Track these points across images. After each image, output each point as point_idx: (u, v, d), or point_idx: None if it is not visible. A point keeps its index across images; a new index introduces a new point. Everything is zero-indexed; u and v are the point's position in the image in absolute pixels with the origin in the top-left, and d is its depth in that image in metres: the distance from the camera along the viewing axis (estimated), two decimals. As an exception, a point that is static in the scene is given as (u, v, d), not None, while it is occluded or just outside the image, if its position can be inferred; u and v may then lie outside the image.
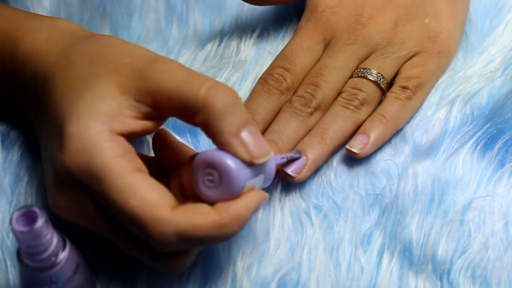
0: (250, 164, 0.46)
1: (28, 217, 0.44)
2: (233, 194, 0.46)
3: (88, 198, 0.46)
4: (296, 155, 0.54)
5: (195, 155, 0.48)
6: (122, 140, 0.46)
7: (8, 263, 0.52)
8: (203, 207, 0.46)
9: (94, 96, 0.46)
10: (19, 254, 0.46)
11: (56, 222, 0.48)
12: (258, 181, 0.48)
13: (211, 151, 0.47)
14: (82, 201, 0.47)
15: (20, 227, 0.44)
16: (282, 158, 0.52)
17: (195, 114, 0.46)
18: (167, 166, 0.50)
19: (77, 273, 0.48)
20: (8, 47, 0.52)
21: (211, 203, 0.46)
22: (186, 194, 0.48)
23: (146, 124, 0.48)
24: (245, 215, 0.46)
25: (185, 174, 0.48)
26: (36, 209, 0.44)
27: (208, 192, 0.47)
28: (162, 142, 0.50)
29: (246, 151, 0.46)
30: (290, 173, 0.53)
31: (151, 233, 0.45)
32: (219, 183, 0.46)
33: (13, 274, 0.52)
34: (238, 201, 0.46)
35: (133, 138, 0.48)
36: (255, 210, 0.47)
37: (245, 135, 0.46)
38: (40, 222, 0.44)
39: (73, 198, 0.47)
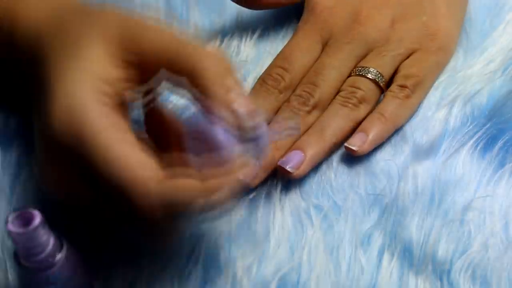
0: (239, 129, 0.46)
1: (24, 218, 0.44)
2: (221, 162, 0.45)
3: (74, 164, 0.46)
4: (293, 131, 0.53)
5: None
6: (110, 103, 0.46)
7: (8, 263, 0.52)
8: (189, 172, 0.45)
9: (83, 58, 0.46)
10: (16, 255, 0.46)
11: (53, 222, 0.48)
12: (249, 151, 0.47)
13: (199, 118, 0.46)
14: (67, 168, 0.46)
15: (16, 229, 0.44)
16: (277, 133, 0.52)
17: (182, 74, 0.46)
18: (159, 143, 0.50)
19: (75, 273, 0.48)
20: (7, 21, 0.52)
21: (199, 170, 0.45)
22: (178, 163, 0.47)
23: (133, 87, 0.47)
24: (233, 184, 0.45)
25: (175, 143, 0.48)
26: (31, 210, 0.44)
27: (196, 160, 0.46)
28: (156, 119, 0.50)
29: (233, 114, 0.45)
30: (288, 169, 0.53)
31: (137, 205, 0.44)
32: (208, 151, 0.45)
33: (12, 274, 0.52)
34: (226, 170, 0.45)
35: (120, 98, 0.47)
36: (244, 179, 0.46)
37: (233, 97, 0.46)
38: (36, 223, 0.44)
39: (60, 166, 0.46)
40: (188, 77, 0.45)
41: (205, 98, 0.45)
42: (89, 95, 0.45)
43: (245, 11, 0.64)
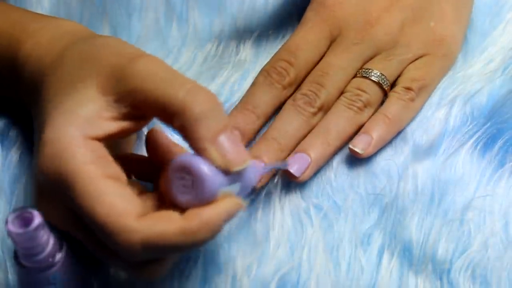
0: (225, 171, 0.45)
1: (24, 219, 0.44)
2: (205, 200, 0.45)
3: (63, 204, 0.46)
4: (282, 167, 0.53)
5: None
6: (97, 146, 0.45)
7: (8, 263, 0.52)
8: (170, 214, 0.45)
9: (74, 100, 0.46)
10: (15, 255, 0.46)
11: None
12: (234, 190, 0.46)
13: (187, 155, 0.46)
14: (58, 206, 0.46)
15: (15, 229, 0.44)
16: (265, 168, 0.52)
17: (173, 116, 0.45)
18: (159, 166, 0.50)
19: (75, 273, 0.48)
20: (11, 50, 0.52)
21: (185, 209, 0.45)
22: (164, 200, 0.47)
23: (126, 124, 0.47)
24: (216, 222, 0.45)
25: (163, 178, 0.47)
26: (31, 211, 0.44)
27: (181, 197, 0.46)
28: (154, 141, 0.49)
29: (221, 158, 0.45)
30: (294, 173, 0.53)
31: (117, 242, 0.44)
32: (192, 188, 0.45)
33: (13, 274, 0.52)
34: (209, 207, 0.45)
35: (112, 139, 0.47)
36: (229, 217, 0.45)
37: (221, 141, 0.45)
38: (35, 224, 0.44)
39: (50, 202, 0.47)
40: (175, 117, 0.45)
41: (192, 139, 0.45)
42: (73, 140, 0.45)
43: (245, 11, 0.64)
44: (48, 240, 0.46)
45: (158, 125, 0.51)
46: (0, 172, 0.56)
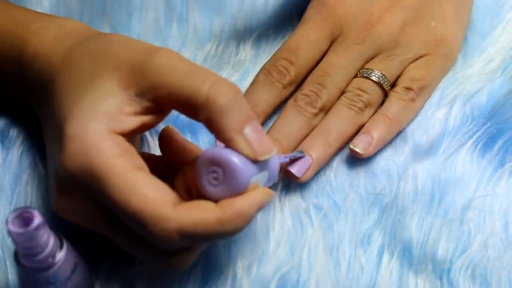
0: (253, 161, 0.46)
1: (24, 219, 0.44)
2: (238, 191, 0.46)
3: (89, 200, 0.46)
4: (299, 155, 0.53)
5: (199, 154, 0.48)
6: (121, 140, 0.46)
7: (8, 263, 0.52)
8: (206, 204, 0.45)
9: (94, 96, 0.46)
10: (16, 255, 0.46)
11: (54, 222, 0.48)
12: (263, 178, 0.47)
13: (215, 148, 0.46)
14: (84, 202, 0.47)
15: (15, 229, 0.44)
16: (285, 158, 0.52)
17: (198, 110, 0.45)
18: (174, 164, 0.50)
19: (75, 273, 0.48)
20: (16, 49, 0.52)
21: (216, 201, 0.46)
22: (192, 194, 0.48)
23: (147, 118, 0.47)
24: (249, 211, 0.45)
25: (190, 173, 0.48)
26: (31, 210, 0.44)
27: (212, 190, 0.46)
28: (168, 140, 0.50)
29: (249, 147, 0.46)
30: (296, 174, 0.53)
31: (153, 231, 0.44)
32: (223, 180, 0.46)
33: (12, 274, 0.52)
34: (242, 197, 0.46)
35: (134, 134, 0.47)
36: (260, 207, 0.46)
37: (248, 131, 0.46)
38: (35, 223, 0.44)
39: (75, 200, 0.47)
40: (200, 110, 0.45)
41: (219, 131, 0.46)
42: (99, 135, 0.45)
43: (245, 11, 0.64)
44: (48, 240, 0.46)
45: (170, 124, 0.51)
46: (1, 171, 0.56)
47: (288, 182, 0.55)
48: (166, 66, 0.46)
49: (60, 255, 0.47)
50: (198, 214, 0.45)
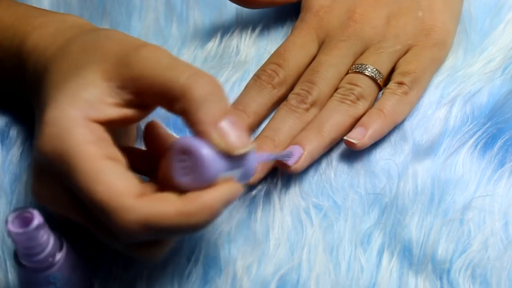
0: (227, 155, 0.45)
1: (24, 219, 0.44)
2: (205, 182, 0.45)
3: (62, 185, 0.46)
4: (285, 155, 0.53)
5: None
6: (97, 128, 0.45)
7: (8, 263, 0.52)
8: (170, 196, 0.45)
9: (77, 84, 0.46)
10: (16, 255, 0.46)
11: (54, 222, 0.48)
12: (235, 175, 0.46)
13: (188, 137, 0.45)
14: (57, 187, 0.46)
15: (15, 229, 0.44)
16: (270, 156, 0.52)
17: (174, 101, 0.45)
18: (157, 158, 0.49)
19: (75, 273, 0.48)
20: (17, 42, 0.53)
21: (185, 192, 0.45)
22: (167, 185, 0.47)
23: (129, 112, 0.47)
24: (215, 206, 0.44)
25: (163, 163, 0.47)
26: (31, 211, 0.44)
27: (181, 179, 0.45)
28: (152, 133, 0.49)
29: (222, 140, 0.45)
30: (287, 163, 0.53)
31: (114, 221, 0.43)
32: (192, 171, 0.45)
33: (13, 274, 0.52)
34: (209, 191, 0.44)
35: (114, 126, 0.47)
36: (228, 202, 0.45)
37: (223, 125, 0.45)
38: (35, 223, 0.44)
39: (49, 184, 0.46)
40: (177, 101, 0.45)
41: (193, 122, 0.45)
42: (74, 120, 0.44)
43: (245, 11, 0.64)
44: (48, 240, 0.46)
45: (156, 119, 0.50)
46: (1, 171, 0.56)
47: (288, 182, 0.55)
48: (150, 60, 0.46)
49: (60, 255, 0.47)
50: (161, 205, 0.44)
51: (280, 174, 0.55)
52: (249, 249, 0.52)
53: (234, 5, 0.63)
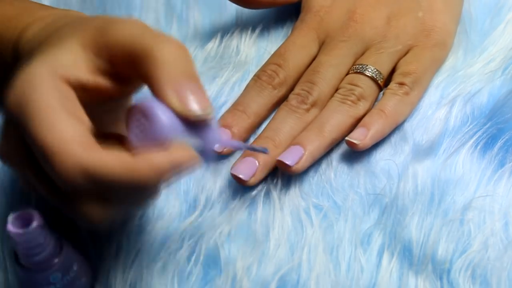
0: (184, 119, 0.44)
1: (24, 219, 0.44)
2: (157, 144, 0.43)
3: (20, 138, 0.45)
4: (259, 149, 0.52)
5: None
6: (66, 88, 0.44)
7: (8, 263, 0.52)
8: (119, 152, 0.43)
9: (54, 49, 0.46)
10: (16, 255, 0.46)
11: (54, 222, 0.48)
12: (193, 145, 0.45)
13: (146, 100, 0.44)
14: (18, 142, 0.45)
15: (15, 229, 0.44)
16: (238, 143, 0.51)
17: (139, 64, 0.44)
18: None
19: (75, 273, 0.48)
20: (16, 35, 0.52)
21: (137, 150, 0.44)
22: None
23: (102, 81, 0.46)
24: (164, 167, 0.42)
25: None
26: (31, 211, 0.44)
27: (135, 140, 0.44)
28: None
29: (179, 103, 0.43)
30: (287, 163, 0.53)
31: (53, 165, 0.42)
32: (146, 131, 0.44)
33: (12, 274, 0.52)
34: (160, 152, 0.43)
35: (89, 96, 0.46)
36: (179, 167, 0.43)
37: (182, 87, 0.43)
38: (35, 224, 0.44)
39: (12, 139, 0.45)
40: (141, 64, 0.44)
41: (152, 84, 0.44)
42: (43, 76, 0.44)
43: (245, 11, 0.64)
44: (48, 240, 0.46)
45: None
46: (0, 171, 0.56)
47: (288, 182, 0.55)
48: (125, 29, 0.45)
49: (60, 255, 0.47)
50: (106, 156, 0.42)
51: (280, 174, 0.55)
52: (249, 249, 0.52)
53: (234, 6, 0.63)
